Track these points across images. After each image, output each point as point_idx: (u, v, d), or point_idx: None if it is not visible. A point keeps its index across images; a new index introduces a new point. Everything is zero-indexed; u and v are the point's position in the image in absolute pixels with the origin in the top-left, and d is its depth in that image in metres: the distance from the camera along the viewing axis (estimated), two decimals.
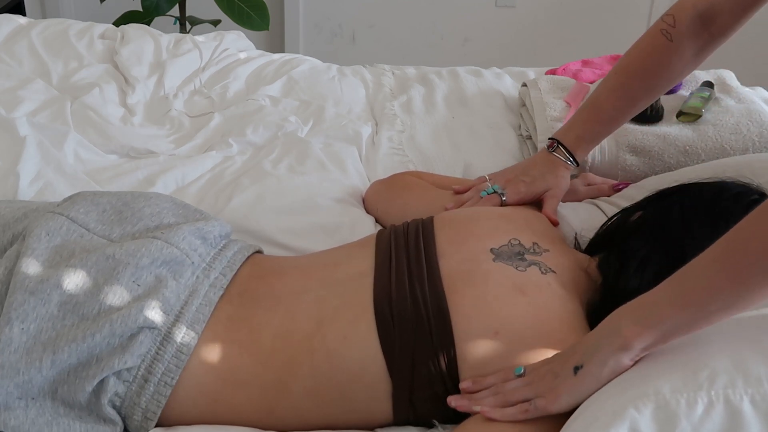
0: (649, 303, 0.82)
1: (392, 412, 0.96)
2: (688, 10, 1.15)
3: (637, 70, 1.21)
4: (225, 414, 0.96)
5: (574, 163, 1.27)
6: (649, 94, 1.23)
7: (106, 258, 0.98)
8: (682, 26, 1.15)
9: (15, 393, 0.89)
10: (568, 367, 0.85)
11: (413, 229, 1.10)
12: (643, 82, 1.21)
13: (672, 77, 1.20)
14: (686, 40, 1.16)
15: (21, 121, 1.50)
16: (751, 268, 0.73)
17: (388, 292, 0.98)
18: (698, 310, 0.78)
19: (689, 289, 0.78)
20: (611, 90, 1.24)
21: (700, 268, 0.78)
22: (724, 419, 0.74)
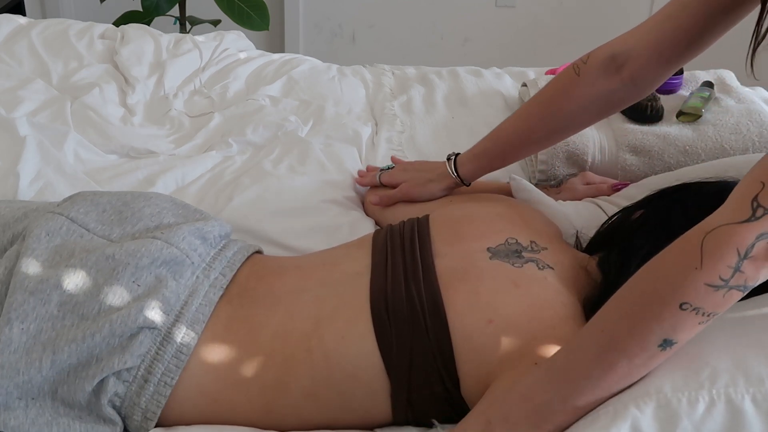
0: (535, 406, 0.81)
1: (391, 412, 0.96)
2: (604, 50, 1.15)
3: (539, 98, 1.22)
4: (224, 414, 0.96)
5: (454, 175, 1.28)
6: (545, 123, 1.21)
7: (106, 258, 0.98)
8: (592, 63, 1.15)
9: (15, 393, 0.89)
10: None
11: (408, 229, 1.10)
12: (540, 109, 1.21)
13: (574, 111, 1.18)
14: (593, 77, 1.14)
15: (21, 121, 1.50)
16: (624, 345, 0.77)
17: (384, 291, 0.98)
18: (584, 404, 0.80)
19: (573, 386, 0.80)
20: (514, 115, 1.26)
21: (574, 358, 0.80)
22: (725, 418, 0.74)
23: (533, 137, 1.24)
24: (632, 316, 0.76)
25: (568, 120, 1.20)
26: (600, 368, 0.78)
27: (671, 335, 0.75)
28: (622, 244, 1.04)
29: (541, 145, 1.29)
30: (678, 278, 0.74)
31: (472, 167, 1.28)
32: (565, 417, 0.80)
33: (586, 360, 0.79)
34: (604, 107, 1.18)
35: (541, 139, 1.24)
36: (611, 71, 1.14)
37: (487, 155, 1.28)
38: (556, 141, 1.30)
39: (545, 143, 1.28)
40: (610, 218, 1.14)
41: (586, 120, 1.22)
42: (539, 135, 1.23)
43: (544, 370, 0.82)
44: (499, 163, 1.29)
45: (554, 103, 1.20)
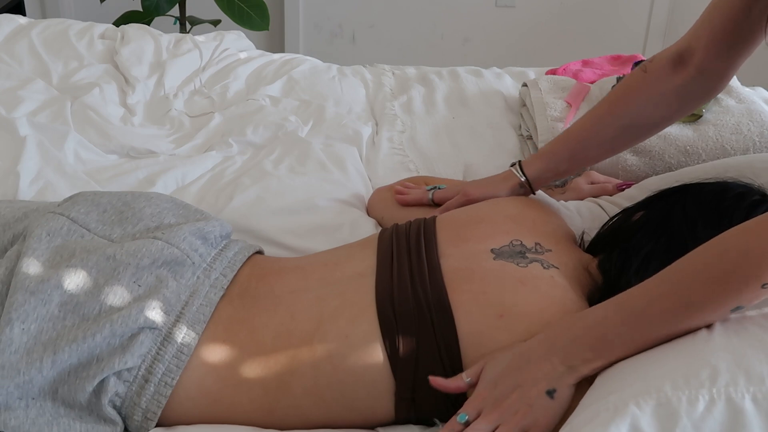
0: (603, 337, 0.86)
1: (394, 411, 0.96)
2: (669, 49, 1.18)
3: (610, 98, 1.23)
4: (225, 414, 0.96)
5: (520, 174, 1.24)
6: (617, 120, 1.20)
7: (106, 258, 0.98)
8: (658, 61, 1.17)
9: (15, 393, 0.89)
10: (539, 394, 0.86)
11: (415, 229, 1.10)
12: (609, 107, 1.21)
13: (644, 108, 1.18)
14: (661, 72, 1.16)
15: (21, 121, 1.50)
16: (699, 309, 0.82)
17: (390, 291, 0.98)
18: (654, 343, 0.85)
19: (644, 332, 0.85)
20: (584, 116, 1.25)
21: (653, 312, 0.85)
22: (725, 417, 0.74)
23: (604, 136, 1.21)
24: (713, 288, 0.81)
25: (638, 116, 1.19)
26: (672, 322, 0.84)
27: (745, 304, 0.81)
28: (622, 246, 1.04)
29: (612, 146, 1.25)
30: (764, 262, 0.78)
31: (539, 168, 1.24)
32: (627, 351, 0.85)
33: (660, 311, 0.84)
34: (676, 102, 1.18)
35: (612, 138, 1.21)
36: (678, 66, 1.15)
37: (554, 156, 1.24)
38: (627, 142, 1.26)
39: (617, 144, 1.24)
40: (611, 219, 1.14)
41: (658, 117, 1.20)
42: (610, 134, 1.21)
43: (616, 310, 0.87)
44: (566, 165, 1.25)
45: (623, 100, 1.20)
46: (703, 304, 0.82)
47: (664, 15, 3.34)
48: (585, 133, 1.22)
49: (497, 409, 0.86)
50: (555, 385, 0.86)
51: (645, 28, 3.38)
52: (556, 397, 0.86)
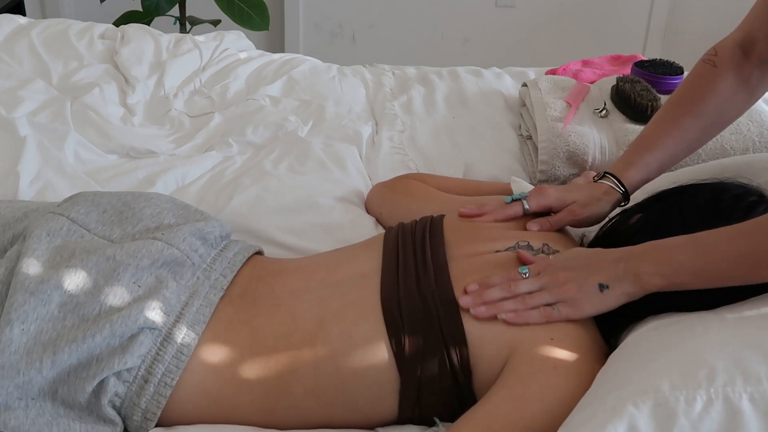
0: (673, 263, 0.90)
1: (397, 410, 0.96)
2: (728, 41, 1.18)
3: (683, 98, 1.20)
4: (225, 414, 0.96)
5: (621, 189, 1.16)
6: (697, 120, 1.18)
7: (106, 259, 0.98)
8: (723, 54, 1.17)
9: (15, 393, 0.89)
10: (593, 282, 0.93)
11: (420, 229, 1.10)
12: (688, 107, 1.19)
13: (721, 103, 1.17)
14: (730, 66, 1.16)
15: (21, 121, 1.50)
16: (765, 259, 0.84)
17: (396, 291, 0.98)
18: (714, 281, 0.89)
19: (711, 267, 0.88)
20: (658, 121, 1.21)
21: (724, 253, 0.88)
22: (723, 417, 0.74)
23: (688, 139, 1.19)
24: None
25: (718, 112, 1.18)
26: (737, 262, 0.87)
27: None
28: None
29: (692, 148, 1.22)
30: None
31: (637, 181, 1.18)
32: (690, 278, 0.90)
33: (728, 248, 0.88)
34: (746, 94, 1.18)
35: (693, 140, 1.20)
36: (742, 58, 1.16)
37: (647, 167, 1.18)
38: (706, 140, 1.23)
39: (696, 145, 1.22)
40: (609, 221, 1.14)
41: (733, 112, 1.20)
42: (692, 135, 1.19)
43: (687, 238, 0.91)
44: (655, 174, 1.20)
45: (698, 98, 1.18)
46: None
47: (664, 15, 3.34)
48: (671, 141, 1.19)
49: (551, 276, 0.95)
50: (610, 283, 0.93)
51: (645, 28, 3.38)
52: (605, 293, 0.93)
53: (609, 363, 0.89)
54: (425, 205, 1.27)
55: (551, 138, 1.50)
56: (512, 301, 0.94)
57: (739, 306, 0.89)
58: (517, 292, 0.95)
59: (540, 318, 0.93)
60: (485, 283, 0.97)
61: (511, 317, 0.93)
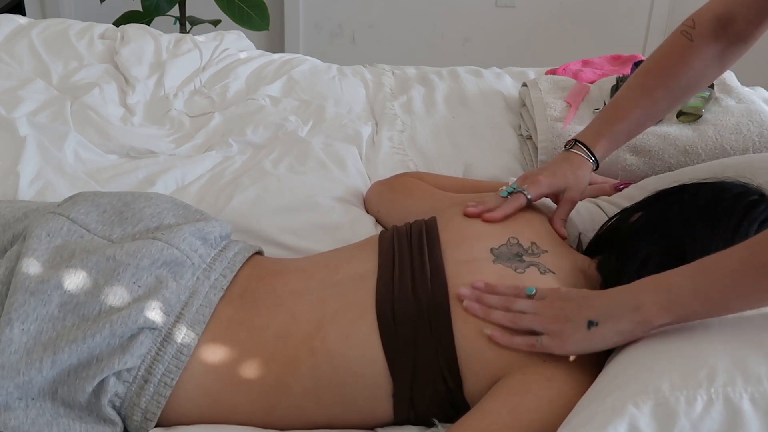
0: (672, 287, 0.85)
1: (393, 412, 0.96)
2: (707, 14, 1.17)
3: (657, 69, 1.21)
4: (225, 414, 0.96)
5: (592, 159, 1.20)
6: (669, 93, 1.20)
7: (106, 259, 0.98)
8: (701, 28, 1.17)
9: (15, 393, 0.89)
10: (582, 318, 0.89)
11: (416, 231, 1.10)
12: (662, 80, 1.20)
13: (694, 77, 1.19)
14: (706, 41, 1.16)
15: (21, 121, 1.50)
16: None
17: (391, 293, 0.98)
18: (720, 305, 0.84)
19: (713, 284, 0.83)
20: (631, 89, 1.22)
21: (725, 265, 0.83)
22: (723, 417, 0.74)
23: (657, 109, 1.22)
24: None
25: (687, 87, 1.20)
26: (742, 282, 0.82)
27: None
28: (620, 248, 1.04)
29: (657, 118, 1.27)
30: None
31: (603, 150, 1.21)
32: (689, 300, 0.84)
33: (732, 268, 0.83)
34: (717, 70, 1.19)
35: (662, 111, 1.23)
36: (720, 32, 1.16)
37: (615, 134, 1.21)
38: (672, 109, 1.27)
39: (662, 115, 1.27)
40: (609, 221, 1.14)
41: (703, 82, 1.23)
42: (662, 106, 1.22)
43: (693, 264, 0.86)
44: (624, 141, 1.25)
45: (673, 72, 1.19)
46: None
47: (664, 15, 3.34)
48: (641, 111, 1.21)
49: (548, 303, 0.92)
50: (600, 319, 0.88)
51: (645, 28, 3.38)
52: (593, 331, 0.88)
53: (609, 364, 0.89)
54: (423, 203, 1.27)
55: (551, 138, 1.50)
56: (503, 315, 0.93)
57: None
58: (513, 308, 0.94)
59: (523, 346, 0.91)
60: (492, 286, 0.96)
61: (497, 336, 0.92)
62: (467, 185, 1.37)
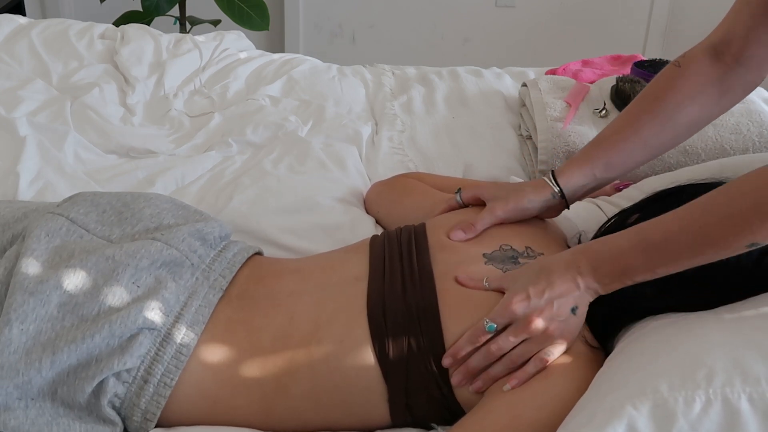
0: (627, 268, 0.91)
1: (390, 416, 0.96)
2: (701, 44, 1.13)
3: (643, 97, 1.16)
4: (224, 415, 0.96)
5: (554, 185, 1.13)
6: (655, 117, 1.12)
7: (105, 259, 0.98)
8: (692, 54, 1.13)
9: (15, 394, 0.89)
10: (565, 311, 0.92)
11: (406, 235, 1.10)
12: (646, 105, 1.14)
13: (680, 100, 1.12)
14: (695, 66, 1.12)
15: (21, 121, 1.50)
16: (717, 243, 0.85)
17: (382, 297, 0.98)
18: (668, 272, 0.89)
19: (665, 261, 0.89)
20: (617, 119, 1.17)
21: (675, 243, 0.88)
22: (722, 418, 0.74)
23: (641, 137, 1.13)
24: (730, 224, 0.84)
25: (675, 113, 1.12)
26: (691, 253, 0.87)
27: (760, 241, 0.83)
28: None
29: (650, 148, 1.15)
30: None
31: (573, 176, 1.14)
32: (644, 277, 0.91)
33: (681, 244, 0.87)
34: (715, 96, 1.12)
35: (649, 138, 1.13)
36: (712, 59, 1.11)
37: (588, 162, 1.14)
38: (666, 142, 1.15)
39: (655, 144, 1.14)
40: (607, 222, 1.13)
41: (696, 113, 1.13)
42: (647, 133, 1.13)
43: (636, 241, 0.91)
44: (602, 170, 1.14)
45: (659, 98, 1.13)
46: (720, 238, 0.84)
47: (664, 15, 3.34)
48: (619, 136, 1.14)
49: (530, 324, 0.92)
50: (578, 303, 0.93)
51: (645, 28, 3.38)
52: (578, 314, 0.93)
53: (607, 364, 0.89)
54: (423, 203, 1.27)
55: (551, 138, 1.50)
56: (502, 365, 0.92)
57: (738, 306, 0.89)
58: (501, 354, 0.92)
59: (537, 368, 0.91)
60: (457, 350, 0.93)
61: (515, 384, 0.91)
62: (467, 185, 1.37)
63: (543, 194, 1.13)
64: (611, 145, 1.14)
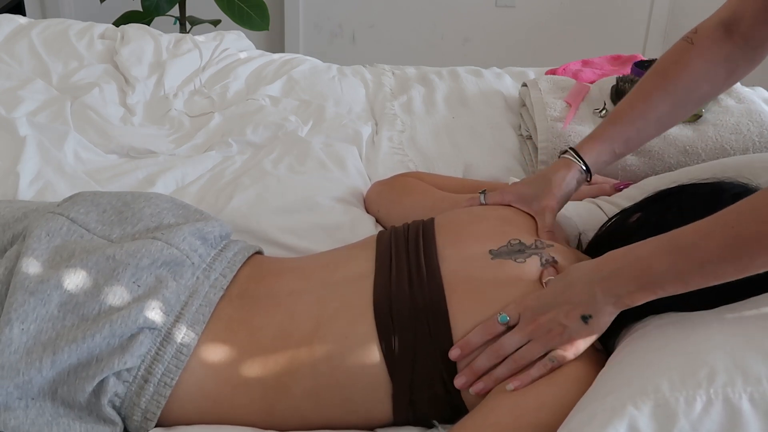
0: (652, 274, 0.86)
1: (392, 413, 0.96)
2: (712, 20, 1.15)
3: (656, 73, 1.18)
4: (225, 414, 0.96)
5: (579, 161, 1.16)
6: (667, 95, 1.15)
7: (106, 259, 0.98)
8: (703, 32, 1.14)
9: (15, 393, 0.89)
10: (575, 317, 0.90)
11: (413, 231, 1.10)
12: (659, 82, 1.16)
13: (692, 79, 1.14)
14: (707, 43, 1.13)
15: (21, 121, 1.50)
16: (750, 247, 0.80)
17: (389, 293, 0.98)
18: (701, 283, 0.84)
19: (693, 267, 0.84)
20: (630, 95, 1.19)
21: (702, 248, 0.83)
22: (723, 418, 0.74)
23: (655, 114, 1.16)
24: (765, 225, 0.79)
25: (689, 89, 1.15)
26: (721, 258, 0.82)
27: None
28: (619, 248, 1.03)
29: (663, 124, 1.19)
30: None
31: (597, 152, 1.17)
32: (673, 287, 0.86)
33: (711, 248, 0.82)
34: (724, 72, 1.15)
35: (663, 115, 1.16)
36: (723, 36, 1.12)
37: (609, 139, 1.17)
38: (678, 117, 1.20)
39: (667, 120, 1.18)
40: (608, 221, 1.14)
41: (707, 89, 1.16)
42: (661, 110, 1.16)
43: (667, 243, 0.86)
44: (621, 147, 1.18)
45: (671, 74, 1.15)
46: (754, 241, 0.80)
47: (664, 15, 3.34)
48: (636, 113, 1.16)
49: (532, 324, 0.91)
50: (592, 312, 0.89)
51: (645, 28, 3.38)
52: (591, 323, 0.89)
53: (608, 364, 0.89)
54: (423, 203, 1.27)
55: (551, 138, 1.50)
56: (505, 367, 0.92)
57: (739, 306, 0.89)
58: (505, 353, 0.92)
59: (540, 372, 0.90)
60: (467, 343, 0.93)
61: (517, 385, 0.90)
62: (467, 185, 1.38)
63: (574, 172, 1.16)
64: (629, 123, 1.16)
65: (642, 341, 0.89)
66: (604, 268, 0.91)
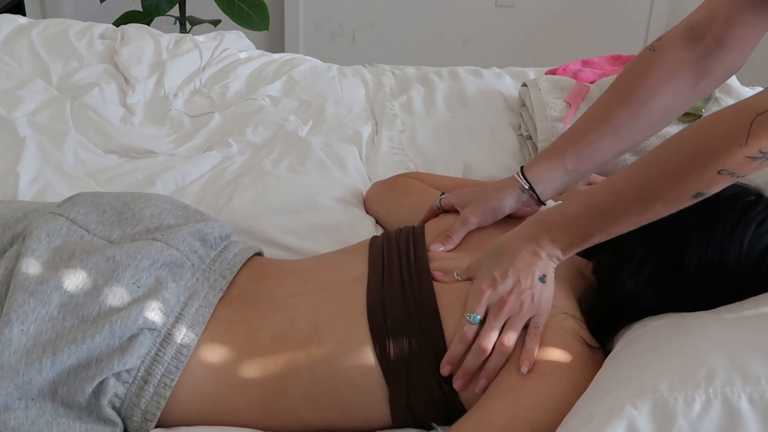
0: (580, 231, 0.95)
1: (390, 416, 0.96)
2: (679, 26, 1.09)
3: (615, 82, 1.13)
4: (224, 415, 0.96)
5: (522, 179, 1.12)
6: (626, 106, 1.08)
7: (106, 259, 0.98)
8: (667, 40, 1.09)
9: (15, 394, 0.89)
10: (533, 281, 0.96)
11: (404, 236, 1.10)
12: (618, 93, 1.10)
13: (652, 86, 1.07)
14: (671, 50, 1.07)
15: (21, 121, 1.50)
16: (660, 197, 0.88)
17: (381, 298, 0.98)
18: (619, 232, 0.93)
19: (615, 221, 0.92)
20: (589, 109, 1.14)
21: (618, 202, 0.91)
22: (721, 418, 0.74)
23: (611, 125, 1.08)
24: (674, 174, 0.86)
25: (649, 99, 1.07)
26: (639, 209, 0.90)
27: (705, 190, 0.86)
28: (614, 251, 1.03)
29: (623, 137, 1.09)
30: (722, 151, 0.82)
31: (540, 168, 1.11)
32: (601, 238, 0.94)
33: (628, 202, 0.90)
34: (690, 81, 1.07)
35: (621, 126, 1.08)
36: (691, 41, 1.06)
37: (557, 152, 1.11)
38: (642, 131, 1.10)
39: (628, 132, 1.09)
40: None
41: (672, 98, 1.08)
42: (617, 121, 1.08)
43: (586, 206, 0.94)
44: (573, 162, 1.10)
45: (631, 83, 1.09)
46: (666, 192, 0.87)
47: (664, 15, 3.34)
48: (589, 126, 1.10)
49: (504, 306, 0.94)
50: (543, 272, 0.96)
51: (645, 28, 3.38)
52: (547, 281, 0.96)
53: (607, 364, 0.89)
54: (422, 203, 1.27)
55: (551, 138, 1.50)
56: (497, 356, 0.93)
57: (738, 306, 0.89)
58: (489, 346, 0.93)
59: (535, 342, 0.92)
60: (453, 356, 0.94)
61: (527, 364, 0.91)
62: (467, 185, 1.37)
63: (511, 191, 1.12)
64: (581, 136, 1.11)
65: (640, 341, 0.89)
66: (539, 234, 0.97)
